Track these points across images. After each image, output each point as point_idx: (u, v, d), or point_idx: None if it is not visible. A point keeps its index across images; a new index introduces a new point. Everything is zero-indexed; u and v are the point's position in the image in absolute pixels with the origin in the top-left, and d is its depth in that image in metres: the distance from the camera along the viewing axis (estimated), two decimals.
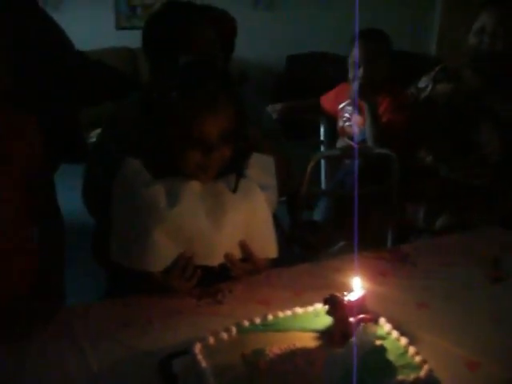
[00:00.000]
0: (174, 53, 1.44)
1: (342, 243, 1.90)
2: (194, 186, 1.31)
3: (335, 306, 1.00)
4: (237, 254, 1.36)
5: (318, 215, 2.09)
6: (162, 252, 1.28)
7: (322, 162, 2.33)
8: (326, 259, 1.70)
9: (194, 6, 1.69)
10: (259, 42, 4.70)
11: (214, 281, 1.35)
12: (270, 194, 1.40)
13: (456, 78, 2.12)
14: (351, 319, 1.01)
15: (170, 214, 1.26)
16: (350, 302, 1.02)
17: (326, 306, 1.03)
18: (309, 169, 1.83)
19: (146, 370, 1.05)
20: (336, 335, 1.01)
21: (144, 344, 1.14)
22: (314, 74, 4.64)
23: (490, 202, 1.95)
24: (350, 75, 2.16)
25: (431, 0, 5.00)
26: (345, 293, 1.04)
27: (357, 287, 1.05)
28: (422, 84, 2.21)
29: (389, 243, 1.95)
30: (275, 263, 1.43)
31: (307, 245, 1.87)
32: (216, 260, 1.33)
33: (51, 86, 1.58)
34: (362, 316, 1.01)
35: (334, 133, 2.31)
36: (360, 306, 1.03)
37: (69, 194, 1.71)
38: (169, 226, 1.26)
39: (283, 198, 1.76)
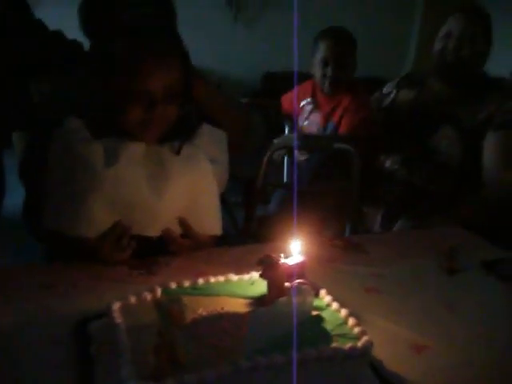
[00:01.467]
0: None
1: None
2: (136, 148, 1.22)
3: (270, 267, 0.91)
4: (177, 228, 1.27)
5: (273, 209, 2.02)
6: (97, 217, 1.18)
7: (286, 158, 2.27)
8: None
9: None
10: (237, 56, 4.70)
11: (151, 254, 1.26)
12: (218, 169, 1.32)
13: (420, 84, 2.10)
14: (287, 284, 0.92)
15: (106, 173, 1.17)
16: (286, 265, 0.93)
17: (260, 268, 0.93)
18: (265, 160, 1.76)
19: (62, 331, 0.95)
20: (268, 300, 0.91)
21: (65, 307, 1.04)
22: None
23: (449, 207, 1.91)
24: (317, 73, 2.12)
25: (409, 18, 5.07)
26: (281, 255, 0.95)
27: (295, 252, 0.96)
28: (386, 90, 2.20)
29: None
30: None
31: (260, 239, 1.78)
32: (155, 230, 1.24)
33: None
34: (299, 281, 0.92)
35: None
36: (298, 273, 0.95)
37: None
38: (105, 189, 1.17)
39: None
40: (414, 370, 0.94)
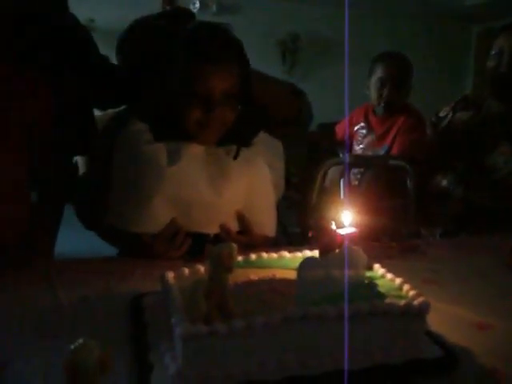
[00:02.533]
0: None
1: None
2: (197, 149, 1.29)
3: (321, 232, 0.91)
4: (233, 226, 1.30)
5: None
6: (159, 214, 1.24)
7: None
8: None
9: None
10: None
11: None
12: (274, 175, 1.36)
13: (476, 105, 2.09)
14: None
15: (169, 172, 1.22)
16: (337, 232, 0.93)
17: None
18: (319, 177, 1.78)
19: (120, 305, 0.98)
20: None
21: (123, 288, 1.07)
22: None
23: (509, 223, 1.83)
24: (372, 94, 2.15)
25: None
26: (333, 223, 0.94)
27: (347, 222, 0.95)
28: (442, 113, 2.19)
29: None
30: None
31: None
32: (213, 228, 1.28)
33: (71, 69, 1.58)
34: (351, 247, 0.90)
35: None
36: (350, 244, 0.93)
37: None
38: (168, 187, 1.22)
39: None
40: (476, 346, 0.89)
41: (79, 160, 1.72)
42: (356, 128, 2.21)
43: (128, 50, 1.55)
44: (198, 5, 4.89)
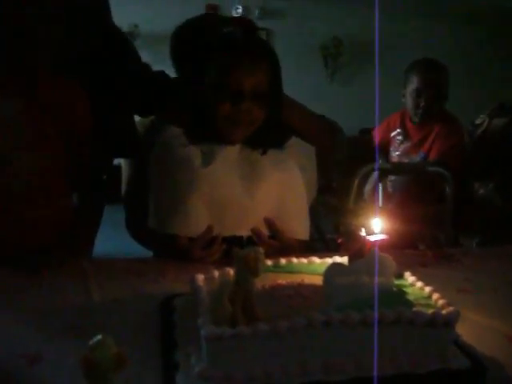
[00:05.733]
0: None
1: None
2: (230, 151, 1.31)
3: (350, 238, 0.91)
4: (266, 230, 1.30)
5: None
6: (194, 216, 1.26)
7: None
8: None
9: None
10: (334, 114, 4.80)
11: None
12: (307, 177, 1.36)
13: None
14: None
15: (203, 172, 1.25)
16: (367, 239, 0.92)
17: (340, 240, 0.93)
18: (356, 182, 1.77)
19: (151, 306, 1.00)
20: None
21: (152, 290, 1.10)
22: None
23: None
24: (409, 104, 2.13)
25: None
26: (363, 229, 0.94)
27: (377, 229, 0.95)
28: (478, 121, 2.15)
29: None
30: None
31: None
32: (246, 230, 1.29)
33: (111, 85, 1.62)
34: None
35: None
36: (380, 250, 0.93)
37: None
38: (202, 188, 1.25)
39: None
40: (507, 358, 0.87)
41: (123, 163, 1.76)
42: (393, 134, 2.19)
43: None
44: (240, 10, 4.94)
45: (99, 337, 0.51)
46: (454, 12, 4.86)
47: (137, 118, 1.61)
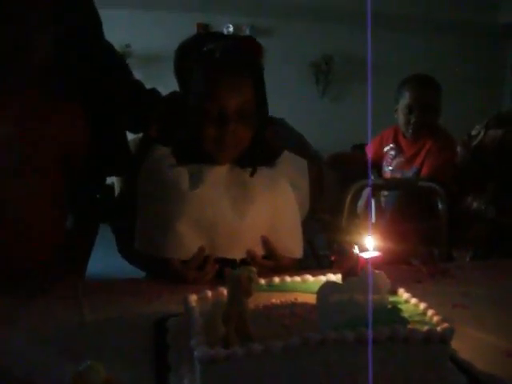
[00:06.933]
0: None
1: None
2: (219, 171, 1.29)
3: (343, 256, 0.91)
4: (259, 250, 1.29)
5: None
6: (183, 239, 1.24)
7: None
8: None
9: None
10: (325, 130, 4.83)
11: None
12: (299, 195, 1.35)
13: (508, 122, 2.05)
14: None
15: (192, 195, 1.24)
16: (360, 256, 0.92)
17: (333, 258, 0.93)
18: (348, 199, 1.77)
19: (144, 325, 1.00)
20: None
21: (145, 311, 1.09)
22: None
23: None
24: (400, 120, 2.14)
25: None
26: (356, 246, 0.93)
27: (370, 246, 0.95)
28: (474, 132, 2.16)
29: None
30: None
31: None
32: (238, 252, 1.27)
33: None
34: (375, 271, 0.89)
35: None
36: (373, 268, 0.93)
37: None
38: (191, 210, 1.23)
39: None
40: (504, 373, 0.87)
41: (115, 181, 1.75)
42: (386, 149, 2.20)
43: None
44: (231, 28, 4.98)
45: (88, 362, 0.50)
46: (446, 28, 4.93)
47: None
